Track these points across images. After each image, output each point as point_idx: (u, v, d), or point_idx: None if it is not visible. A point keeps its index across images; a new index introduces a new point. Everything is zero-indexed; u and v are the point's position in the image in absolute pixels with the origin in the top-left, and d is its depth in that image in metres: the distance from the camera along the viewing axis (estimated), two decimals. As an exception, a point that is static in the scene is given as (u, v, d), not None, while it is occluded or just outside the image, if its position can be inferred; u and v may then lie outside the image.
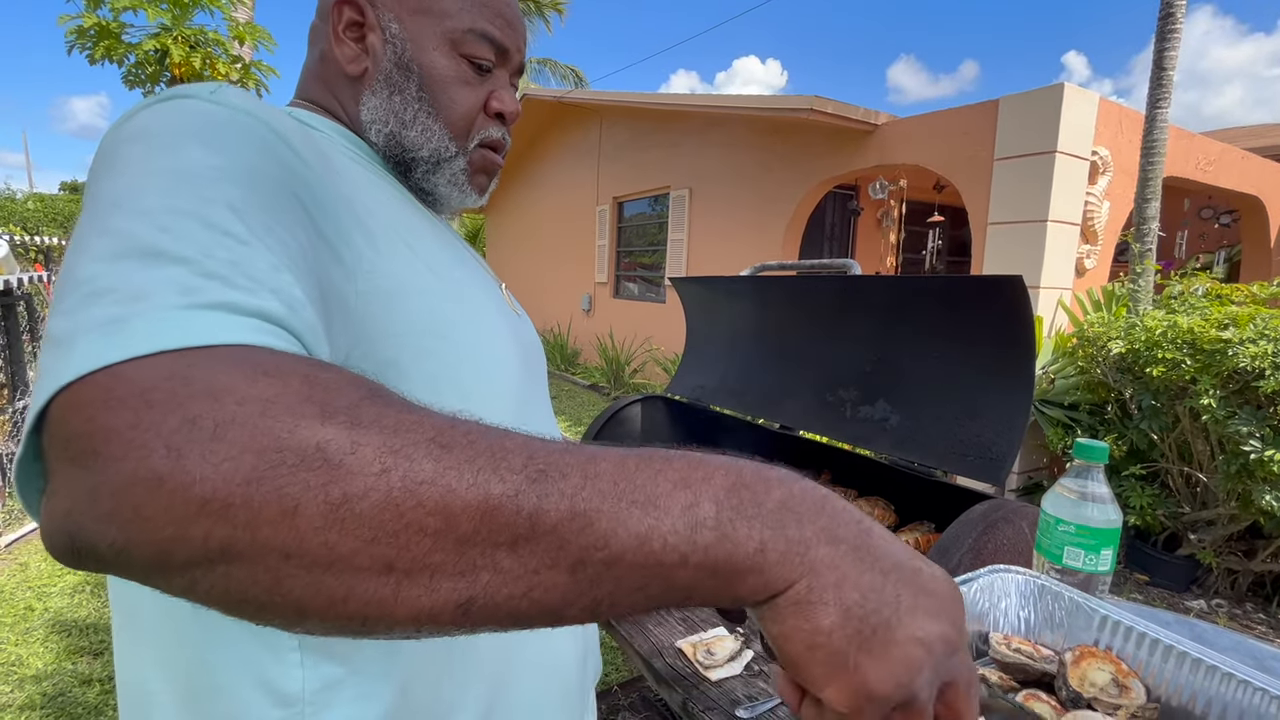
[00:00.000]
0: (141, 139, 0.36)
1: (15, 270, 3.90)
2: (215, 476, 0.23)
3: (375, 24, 0.55)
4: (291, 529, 0.23)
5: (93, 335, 0.27)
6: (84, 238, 0.31)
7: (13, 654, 2.23)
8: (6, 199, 16.56)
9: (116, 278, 0.29)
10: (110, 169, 0.35)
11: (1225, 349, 2.55)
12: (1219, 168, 5.30)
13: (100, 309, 0.28)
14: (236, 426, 0.24)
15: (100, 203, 0.33)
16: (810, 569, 0.26)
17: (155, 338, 0.26)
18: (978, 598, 0.72)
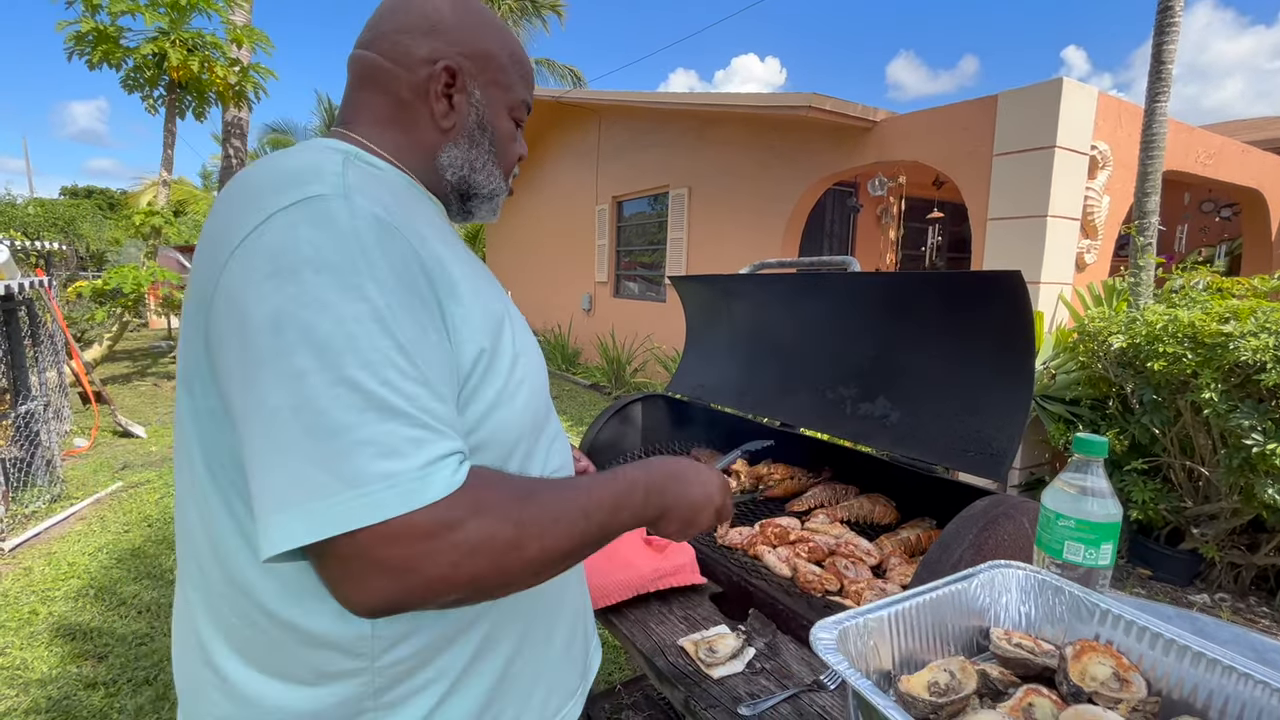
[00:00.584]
0: (322, 269, 0.47)
1: (16, 275, 3.91)
2: (483, 572, 0.49)
3: (463, 89, 0.67)
4: (524, 571, 0.52)
5: (378, 488, 0.45)
6: (314, 370, 0.46)
7: (17, 658, 2.23)
8: (7, 204, 16.59)
9: (360, 435, 0.45)
10: (306, 294, 0.47)
11: (1226, 343, 2.55)
12: (1219, 161, 5.29)
13: (378, 464, 0.45)
14: (478, 549, 0.49)
15: (317, 334, 0.46)
16: (664, 514, 0.66)
17: (422, 495, 0.46)
18: (978, 593, 0.72)
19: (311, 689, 0.54)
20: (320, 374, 0.45)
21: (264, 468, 0.46)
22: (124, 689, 2.08)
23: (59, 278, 10.95)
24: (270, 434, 0.46)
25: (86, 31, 6.51)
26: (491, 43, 0.68)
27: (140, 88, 7.10)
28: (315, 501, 0.44)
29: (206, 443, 0.55)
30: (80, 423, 5.25)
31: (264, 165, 0.56)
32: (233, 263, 0.49)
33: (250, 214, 0.50)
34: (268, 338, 0.46)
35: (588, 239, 9.04)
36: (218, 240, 0.53)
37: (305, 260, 0.47)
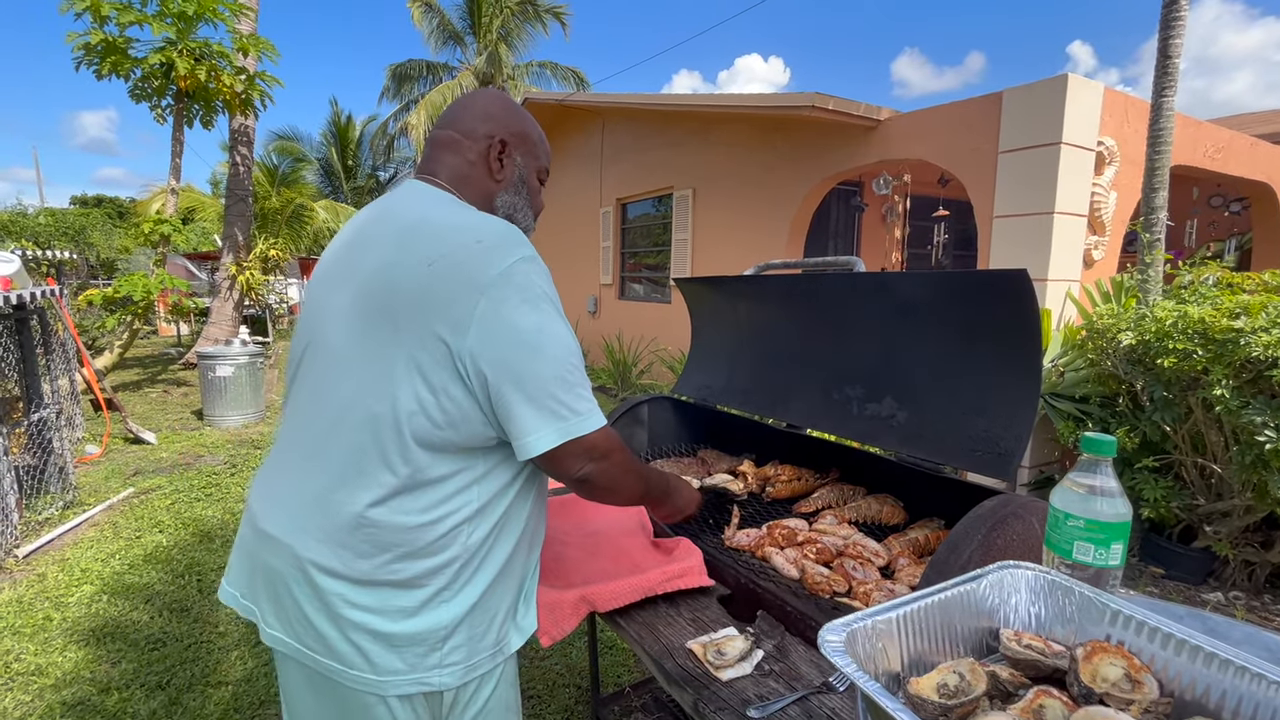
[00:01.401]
0: (550, 302, 0.84)
1: (28, 285, 3.95)
2: (614, 474, 0.90)
3: (512, 155, 1.00)
4: (629, 489, 0.95)
5: (592, 415, 0.84)
6: (551, 351, 0.82)
7: (32, 663, 2.26)
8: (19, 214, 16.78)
9: (580, 391, 0.84)
10: (548, 316, 0.82)
11: (1237, 338, 2.52)
12: (1228, 155, 5.25)
13: (585, 404, 0.84)
14: (627, 463, 0.92)
15: (559, 339, 0.83)
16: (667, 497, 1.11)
17: (601, 421, 0.86)
18: (988, 594, 0.71)
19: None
20: (565, 359, 0.82)
21: (531, 404, 0.79)
22: (137, 694, 2.10)
23: (70, 286, 11.06)
24: (540, 387, 0.79)
25: (95, 42, 6.57)
26: (528, 127, 1.02)
27: (148, 97, 7.17)
28: (568, 419, 0.81)
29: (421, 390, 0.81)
30: (92, 430, 5.30)
31: (475, 222, 0.86)
32: (493, 288, 0.79)
33: (497, 259, 0.80)
34: (535, 336, 0.80)
35: (592, 241, 9.05)
36: (465, 274, 0.79)
37: (541, 295, 0.82)
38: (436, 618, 0.83)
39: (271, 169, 18.80)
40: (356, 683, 0.82)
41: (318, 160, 22.13)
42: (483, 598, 0.86)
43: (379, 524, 0.81)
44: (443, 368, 0.79)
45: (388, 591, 0.82)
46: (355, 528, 0.81)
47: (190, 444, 5.14)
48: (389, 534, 0.81)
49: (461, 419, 0.81)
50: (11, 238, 13.20)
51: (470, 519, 0.84)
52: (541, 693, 2.14)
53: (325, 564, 0.82)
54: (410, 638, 0.82)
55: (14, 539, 3.12)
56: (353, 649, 0.82)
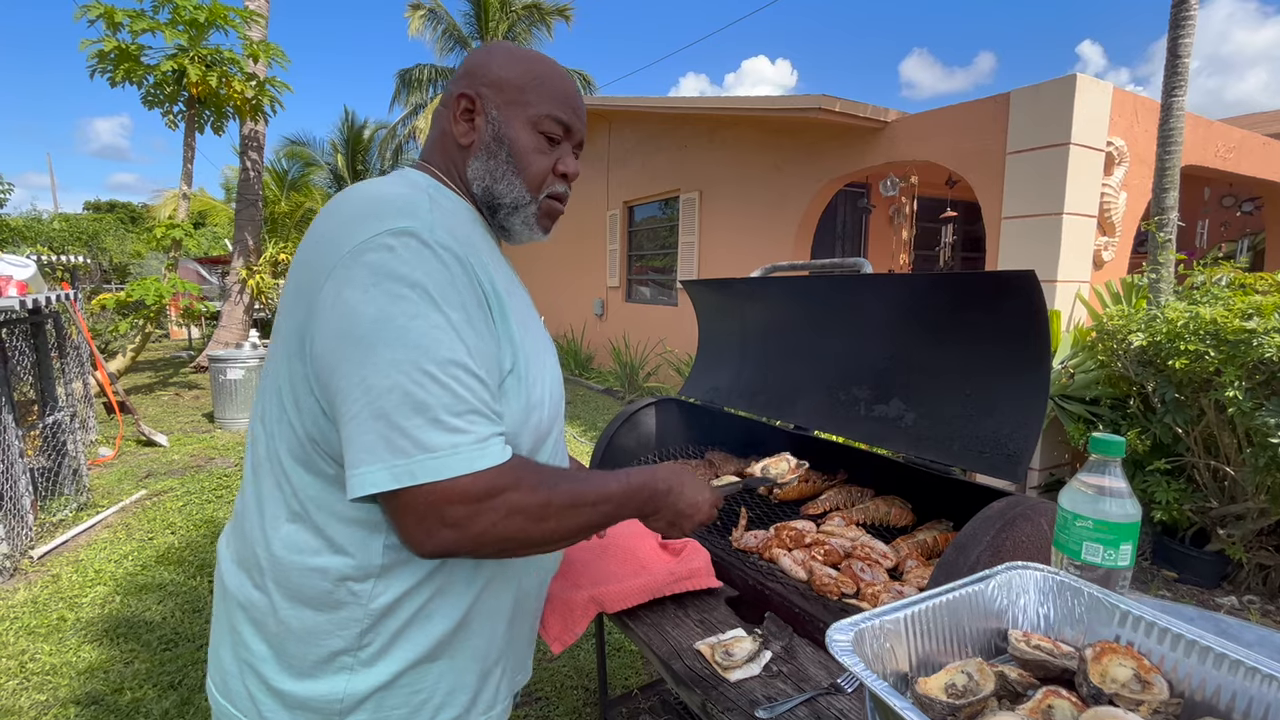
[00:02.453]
0: (415, 287, 0.61)
1: (44, 289, 4.00)
2: (512, 533, 0.63)
3: (482, 110, 0.78)
4: (543, 538, 0.67)
5: (452, 455, 0.60)
6: (389, 353, 0.60)
7: (47, 663, 2.28)
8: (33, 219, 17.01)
9: (436, 415, 0.60)
10: (400, 304, 0.61)
11: (1250, 339, 2.50)
12: (1240, 155, 5.20)
13: (443, 436, 0.60)
14: (514, 515, 0.63)
15: (407, 336, 0.60)
16: (657, 511, 0.81)
17: (479, 461, 0.61)
18: (996, 594, 0.71)
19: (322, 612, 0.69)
20: (411, 364, 0.59)
21: (359, 429, 0.60)
22: (150, 693, 2.12)
23: (84, 291, 11.18)
24: (368, 404, 0.59)
25: (109, 50, 6.67)
26: (511, 71, 0.79)
27: (160, 104, 7.26)
28: (398, 459, 0.58)
29: (294, 405, 0.68)
30: (105, 432, 5.35)
31: (369, 190, 0.70)
32: (340, 269, 0.62)
33: (357, 232, 0.63)
34: (371, 331, 0.60)
35: (599, 244, 9.07)
36: (325, 247, 0.65)
37: (401, 277, 0.61)
38: (332, 686, 0.68)
39: (281, 174, 18.97)
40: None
41: (327, 165, 22.33)
42: (402, 676, 0.69)
43: (274, 557, 0.70)
44: (299, 377, 0.66)
45: (282, 638, 0.69)
46: (254, 556, 0.72)
47: (201, 446, 5.18)
48: (281, 570, 0.69)
49: (324, 440, 0.66)
50: (27, 243, 13.38)
51: (371, 575, 0.67)
52: (549, 695, 2.14)
53: (235, 593, 0.73)
54: (302, 702, 0.68)
55: (29, 540, 3.16)
56: (247, 699, 0.71)
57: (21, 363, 3.58)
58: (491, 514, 0.61)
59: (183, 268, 8.42)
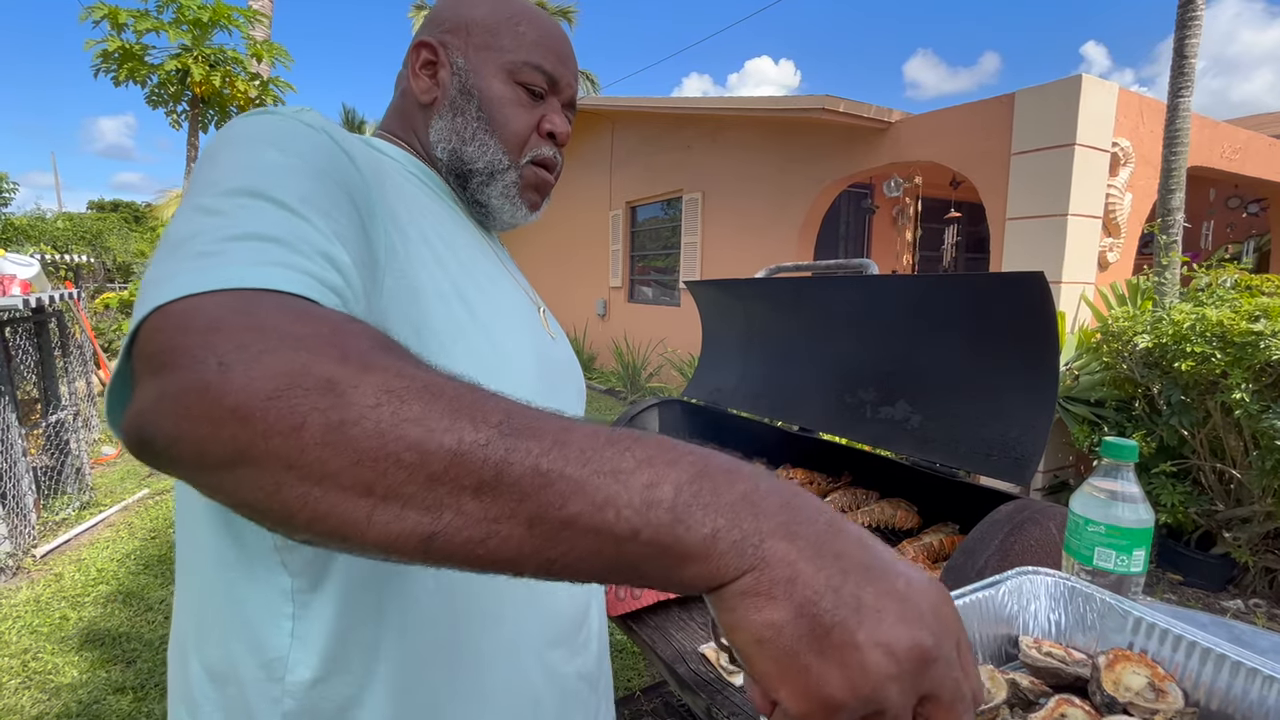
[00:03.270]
0: (233, 141, 0.44)
1: (47, 288, 4.01)
2: (246, 390, 0.28)
3: (445, 61, 0.65)
4: (295, 443, 0.27)
5: (179, 277, 0.33)
6: (180, 212, 0.40)
7: (49, 663, 2.28)
8: (37, 218, 17.06)
9: (205, 238, 0.36)
10: (208, 161, 0.43)
11: (1257, 341, 2.49)
12: (1245, 156, 5.18)
13: (188, 260, 0.35)
14: (270, 354, 0.29)
15: (196, 184, 0.41)
16: (762, 561, 0.26)
17: (226, 280, 0.33)
18: (1006, 600, 0.70)
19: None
20: (188, 207, 0.39)
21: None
22: (151, 693, 2.12)
23: (87, 290, 11.21)
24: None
25: (113, 49, 6.68)
26: (479, 10, 0.65)
27: (164, 103, 7.27)
28: (136, 309, 0.34)
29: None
30: (108, 431, 5.36)
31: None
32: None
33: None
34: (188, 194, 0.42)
35: (602, 244, 9.07)
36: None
37: (224, 139, 0.45)
38: None
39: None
40: None
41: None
42: None
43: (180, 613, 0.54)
44: None
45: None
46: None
47: (204, 445, 5.19)
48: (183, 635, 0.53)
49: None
50: (31, 242, 13.41)
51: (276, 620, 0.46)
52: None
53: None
54: None
55: (32, 539, 3.16)
56: None
57: (25, 361, 3.59)
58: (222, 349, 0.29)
59: (186, 267, 8.43)
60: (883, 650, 0.25)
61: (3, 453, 2.98)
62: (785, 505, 0.28)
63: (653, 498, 0.27)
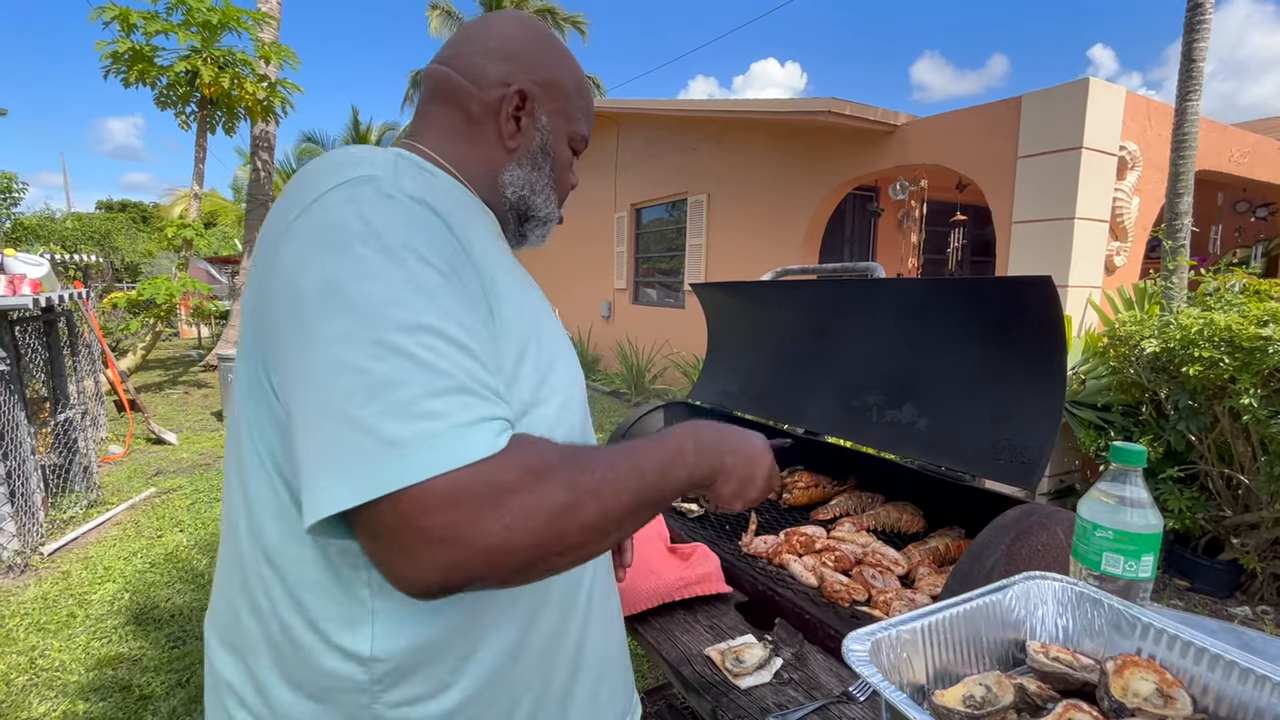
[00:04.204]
0: (370, 241, 0.48)
1: (56, 288, 4.04)
2: (527, 543, 0.45)
3: (532, 113, 0.70)
4: (583, 536, 0.49)
5: (419, 453, 0.43)
6: (338, 324, 0.45)
7: (56, 660, 2.30)
8: (46, 218, 17.18)
9: (412, 389, 0.44)
10: (350, 262, 0.47)
11: (1265, 346, 2.47)
12: (1254, 159, 5.15)
13: (412, 425, 0.43)
14: (532, 512, 0.45)
15: (357, 300, 0.46)
16: (720, 470, 0.62)
17: (464, 453, 0.44)
18: (1013, 605, 0.70)
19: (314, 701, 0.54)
20: (362, 336, 0.44)
21: (308, 433, 0.45)
22: (158, 691, 2.13)
23: (95, 289, 11.28)
24: (314, 398, 0.45)
25: (123, 51, 6.74)
26: (563, 73, 0.72)
27: (173, 104, 7.33)
28: (357, 464, 0.43)
29: (250, 418, 0.55)
30: (115, 430, 5.40)
31: (322, 157, 0.58)
32: (284, 241, 0.50)
33: (304, 195, 0.51)
34: (313, 304, 0.46)
35: (607, 246, 9.08)
36: (273, 223, 0.54)
37: (354, 234, 0.48)
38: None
39: (290, 173, 19.12)
40: None
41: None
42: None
43: (257, 629, 0.56)
44: (254, 381, 0.54)
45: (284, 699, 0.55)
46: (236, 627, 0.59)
47: (210, 445, 5.21)
48: (269, 648, 0.56)
49: (282, 451, 0.53)
50: (40, 241, 13.52)
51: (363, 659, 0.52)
52: (555, 697, 2.14)
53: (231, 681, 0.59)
54: None
55: (40, 537, 3.19)
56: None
57: (34, 360, 3.62)
58: (500, 517, 0.44)
59: (193, 267, 8.49)
60: (759, 467, 0.66)
61: (12, 451, 3.00)
62: (718, 433, 0.63)
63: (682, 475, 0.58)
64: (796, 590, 1.17)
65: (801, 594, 1.15)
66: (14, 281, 3.42)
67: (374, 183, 0.51)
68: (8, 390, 2.99)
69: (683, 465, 0.57)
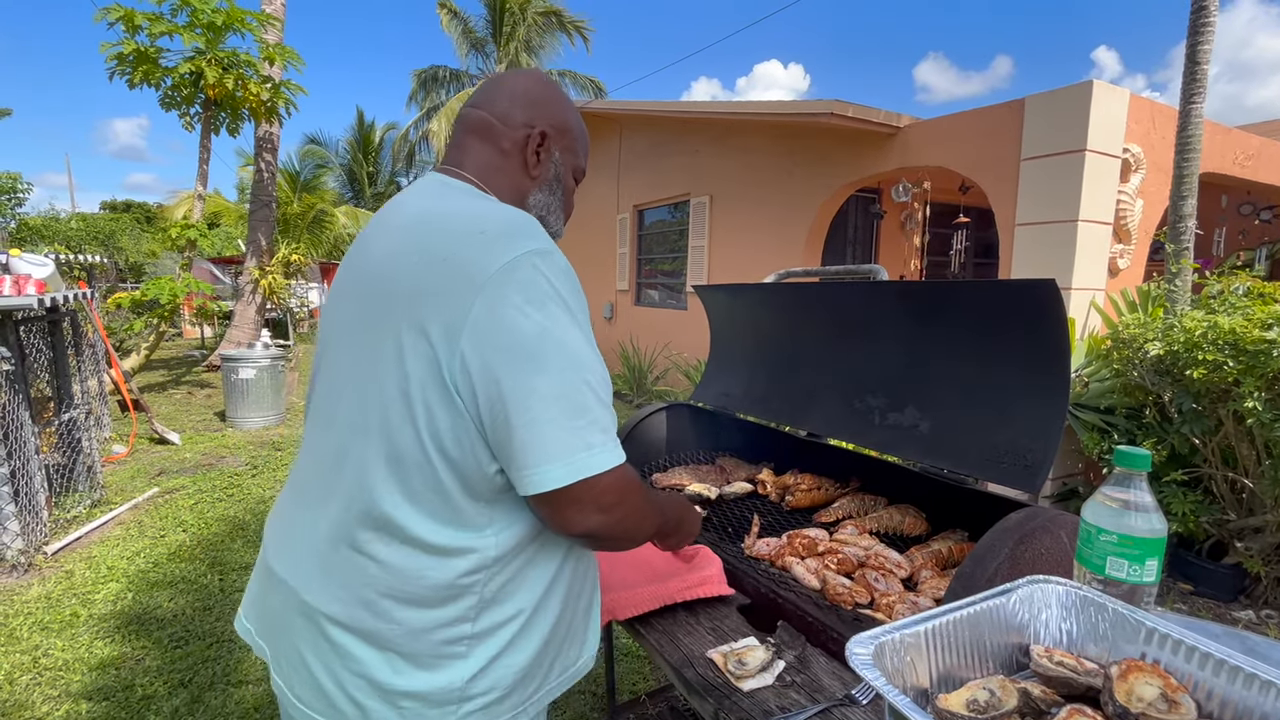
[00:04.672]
0: (561, 304, 0.70)
1: (61, 288, 4.05)
2: (636, 522, 0.76)
3: (549, 150, 0.89)
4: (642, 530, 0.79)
5: (604, 453, 0.69)
6: (556, 362, 0.68)
7: (59, 659, 2.30)
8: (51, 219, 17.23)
9: (596, 419, 0.69)
10: (555, 320, 0.69)
11: (1270, 349, 2.47)
12: (1258, 162, 5.14)
13: (598, 435, 0.69)
14: (643, 507, 0.76)
15: (566, 348, 0.68)
16: (674, 534, 1.03)
17: (618, 458, 0.70)
18: (1017, 608, 0.70)
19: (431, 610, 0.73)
20: (573, 374, 0.68)
21: (535, 433, 0.66)
22: (160, 690, 2.14)
23: (100, 289, 11.32)
24: (541, 409, 0.66)
25: (128, 52, 6.76)
26: (571, 120, 0.91)
27: (177, 105, 7.35)
28: (574, 455, 0.67)
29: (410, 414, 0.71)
30: (119, 429, 5.41)
31: (486, 210, 0.76)
32: (491, 287, 0.67)
33: (498, 254, 0.68)
34: (536, 344, 0.67)
35: (609, 247, 9.09)
36: (463, 266, 0.68)
37: (550, 295, 0.69)
38: (448, 676, 0.72)
39: (294, 174, 19.14)
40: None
41: (341, 166, 22.51)
42: (502, 655, 0.74)
43: (379, 564, 0.72)
44: (431, 382, 0.69)
45: (395, 640, 0.72)
46: (354, 568, 0.73)
47: (213, 445, 5.22)
48: (389, 577, 0.72)
49: (455, 445, 0.69)
50: (45, 242, 13.56)
51: (486, 567, 0.72)
52: (557, 699, 2.14)
53: (327, 610, 0.74)
54: (415, 695, 0.71)
55: (43, 536, 3.20)
56: (352, 706, 0.72)
57: (39, 360, 3.63)
58: (629, 503, 0.72)
59: (197, 267, 8.51)
60: (690, 537, 1.07)
61: (16, 450, 3.01)
62: (682, 517, 1.03)
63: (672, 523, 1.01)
64: (799, 593, 1.17)
65: (804, 597, 1.15)
66: (19, 281, 3.43)
67: (553, 256, 0.71)
68: (12, 390, 3.00)
69: (670, 519, 0.98)
